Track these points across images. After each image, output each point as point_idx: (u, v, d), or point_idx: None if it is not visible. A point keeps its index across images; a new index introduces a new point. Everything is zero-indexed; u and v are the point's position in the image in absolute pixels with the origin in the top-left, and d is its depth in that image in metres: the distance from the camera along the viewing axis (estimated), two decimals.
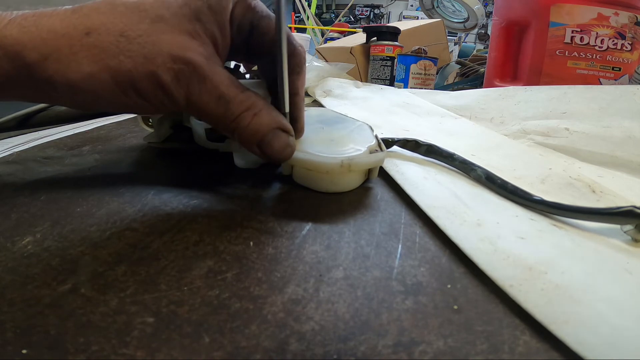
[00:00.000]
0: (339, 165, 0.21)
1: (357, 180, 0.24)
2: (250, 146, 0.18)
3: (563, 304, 0.14)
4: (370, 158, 0.23)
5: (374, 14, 4.00)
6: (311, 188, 0.23)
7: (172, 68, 0.16)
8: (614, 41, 0.51)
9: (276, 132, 0.18)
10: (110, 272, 0.15)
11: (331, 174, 0.22)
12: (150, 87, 0.16)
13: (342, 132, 0.25)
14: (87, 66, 0.15)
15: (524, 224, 0.19)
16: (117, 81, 0.15)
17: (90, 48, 0.15)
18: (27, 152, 0.30)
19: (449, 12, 0.95)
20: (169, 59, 0.16)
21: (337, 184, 0.23)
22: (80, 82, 0.15)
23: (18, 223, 0.18)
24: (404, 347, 0.12)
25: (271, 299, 0.14)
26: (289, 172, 0.24)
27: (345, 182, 0.23)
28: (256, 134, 0.18)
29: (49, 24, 0.15)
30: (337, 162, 0.21)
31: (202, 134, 0.25)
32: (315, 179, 0.23)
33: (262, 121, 0.18)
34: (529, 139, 0.35)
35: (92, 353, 0.11)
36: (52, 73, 0.15)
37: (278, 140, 0.19)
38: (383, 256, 0.17)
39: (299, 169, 0.23)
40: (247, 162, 0.26)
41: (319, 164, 0.22)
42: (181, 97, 0.16)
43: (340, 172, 0.22)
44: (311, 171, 0.23)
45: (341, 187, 0.23)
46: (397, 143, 0.28)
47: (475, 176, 0.24)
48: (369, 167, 0.23)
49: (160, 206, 0.20)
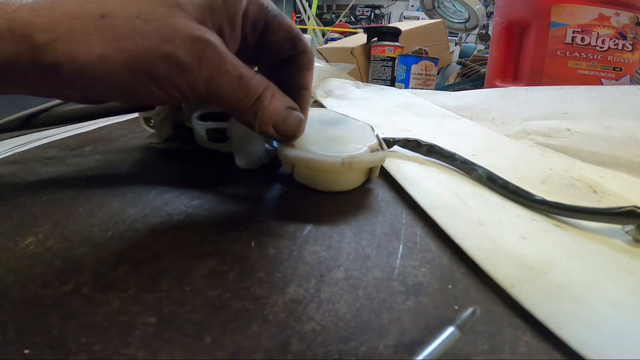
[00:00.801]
0: (340, 163, 0.21)
1: (358, 179, 0.24)
2: (266, 127, 0.18)
3: (564, 304, 0.14)
4: (371, 157, 0.23)
5: (374, 15, 4.00)
6: (312, 187, 0.23)
7: (192, 48, 0.15)
8: (615, 41, 0.51)
9: (290, 110, 0.19)
10: (112, 273, 0.15)
11: (332, 172, 0.22)
12: (167, 70, 0.15)
13: (343, 132, 0.25)
14: (98, 48, 0.14)
15: (526, 224, 0.19)
16: (129, 64, 0.15)
17: (104, 30, 0.14)
18: (28, 152, 0.30)
19: (449, 12, 0.95)
20: (189, 39, 0.15)
21: (338, 183, 0.23)
22: (89, 65, 0.15)
23: (20, 223, 0.18)
24: (404, 348, 0.12)
25: (272, 299, 0.14)
26: (290, 171, 0.24)
27: (346, 180, 0.23)
28: (275, 113, 0.18)
29: (63, 8, 0.15)
30: (338, 160, 0.21)
31: (203, 135, 0.25)
32: (316, 177, 0.23)
33: (279, 101, 0.18)
34: (530, 139, 0.35)
35: (94, 353, 0.11)
36: (61, 55, 0.14)
37: (293, 118, 0.19)
38: (384, 256, 0.17)
39: (300, 167, 0.23)
40: (248, 162, 0.26)
41: (320, 162, 0.21)
42: (202, 79, 0.16)
43: (341, 171, 0.22)
44: (312, 170, 0.23)
45: (342, 185, 0.23)
46: (398, 143, 0.28)
47: (476, 176, 0.24)
48: (370, 165, 0.23)
49: (161, 206, 0.20)
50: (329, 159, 0.21)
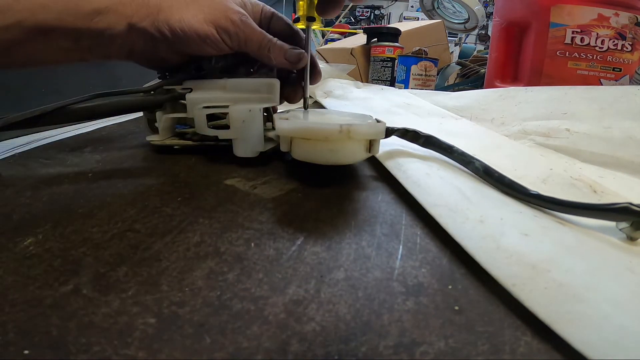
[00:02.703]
0: (338, 130, 0.21)
1: (358, 152, 0.23)
2: (280, 58, 0.28)
3: (567, 303, 0.14)
4: (370, 127, 0.23)
5: (374, 15, 4.00)
6: (311, 162, 0.23)
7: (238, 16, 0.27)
8: (614, 42, 0.51)
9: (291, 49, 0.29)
10: (112, 273, 0.15)
11: (330, 140, 0.22)
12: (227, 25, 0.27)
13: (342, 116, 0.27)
14: (193, 10, 0.27)
15: (528, 221, 0.19)
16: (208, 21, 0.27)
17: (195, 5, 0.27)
18: (28, 153, 0.30)
19: (449, 13, 0.95)
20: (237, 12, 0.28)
21: (336, 153, 0.22)
22: (187, 17, 0.26)
23: (20, 224, 0.18)
24: (405, 348, 0.12)
25: (272, 300, 0.14)
26: (288, 148, 0.24)
27: (345, 151, 0.23)
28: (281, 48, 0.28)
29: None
30: (336, 127, 0.21)
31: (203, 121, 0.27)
32: (314, 150, 0.23)
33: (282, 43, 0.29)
34: (529, 139, 0.35)
35: (93, 354, 0.11)
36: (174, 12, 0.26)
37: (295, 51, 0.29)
38: (384, 257, 0.17)
39: (298, 142, 0.23)
40: (247, 150, 0.27)
41: (317, 130, 0.21)
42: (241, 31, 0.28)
43: (339, 139, 0.22)
44: (310, 141, 0.22)
45: (341, 157, 0.23)
46: (396, 132, 0.28)
47: (473, 169, 0.24)
48: (369, 137, 0.23)
49: (161, 207, 0.20)
50: (327, 126, 0.21)
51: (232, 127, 0.26)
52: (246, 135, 0.27)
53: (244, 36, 0.28)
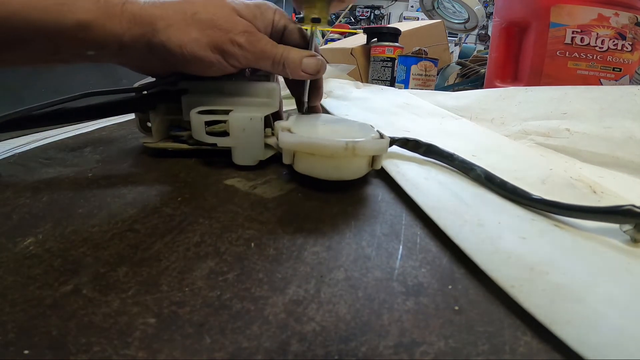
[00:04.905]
0: (343, 147, 0.21)
1: (361, 168, 0.23)
2: (297, 71, 0.27)
3: (564, 305, 0.14)
4: (374, 143, 0.23)
5: (374, 15, 4.00)
6: (313, 176, 0.23)
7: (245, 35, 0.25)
8: (614, 42, 0.51)
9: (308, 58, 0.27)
10: (112, 273, 0.15)
11: (335, 157, 0.22)
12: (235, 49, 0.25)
13: (344, 127, 0.26)
14: (193, 33, 0.24)
15: (526, 224, 0.19)
16: (210, 44, 0.24)
17: (195, 23, 0.24)
18: (28, 153, 0.30)
19: (449, 13, 0.95)
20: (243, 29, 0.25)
21: (341, 170, 0.22)
22: (188, 42, 0.24)
23: (20, 224, 0.18)
24: (405, 348, 0.12)
25: (272, 300, 0.14)
26: (290, 160, 0.23)
27: (349, 168, 0.23)
28: (297, 60, 0.26)
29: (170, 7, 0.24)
30: (342, 144, 0.21)
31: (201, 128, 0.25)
32: (318, 165, 0.22)
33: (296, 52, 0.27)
34: (529, 139, 0.35)
35: (93, 354, 0.11)
36: (171, 36, 0.23)
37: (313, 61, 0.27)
38: (384, 257, 0.17)
39: (301, 155, 0.23)
40: (246, 158, 0.26)
41: (323, 146, 0.21)
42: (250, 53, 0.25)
43: (344, 156, 0.21)
44: (314, 156, 0.22)
45: (345, 173, 0.23)
46: (396, 142, 0.28)
47: (474, 176, 0.24)
48: (373, 153, 0.23)
49: (161, 207, 0.20)
50: (332, 143, 0.21)
51: (232, 136, 0.25)
52: (246, 143, 0.26)
53: (254, 57, 0.25)
